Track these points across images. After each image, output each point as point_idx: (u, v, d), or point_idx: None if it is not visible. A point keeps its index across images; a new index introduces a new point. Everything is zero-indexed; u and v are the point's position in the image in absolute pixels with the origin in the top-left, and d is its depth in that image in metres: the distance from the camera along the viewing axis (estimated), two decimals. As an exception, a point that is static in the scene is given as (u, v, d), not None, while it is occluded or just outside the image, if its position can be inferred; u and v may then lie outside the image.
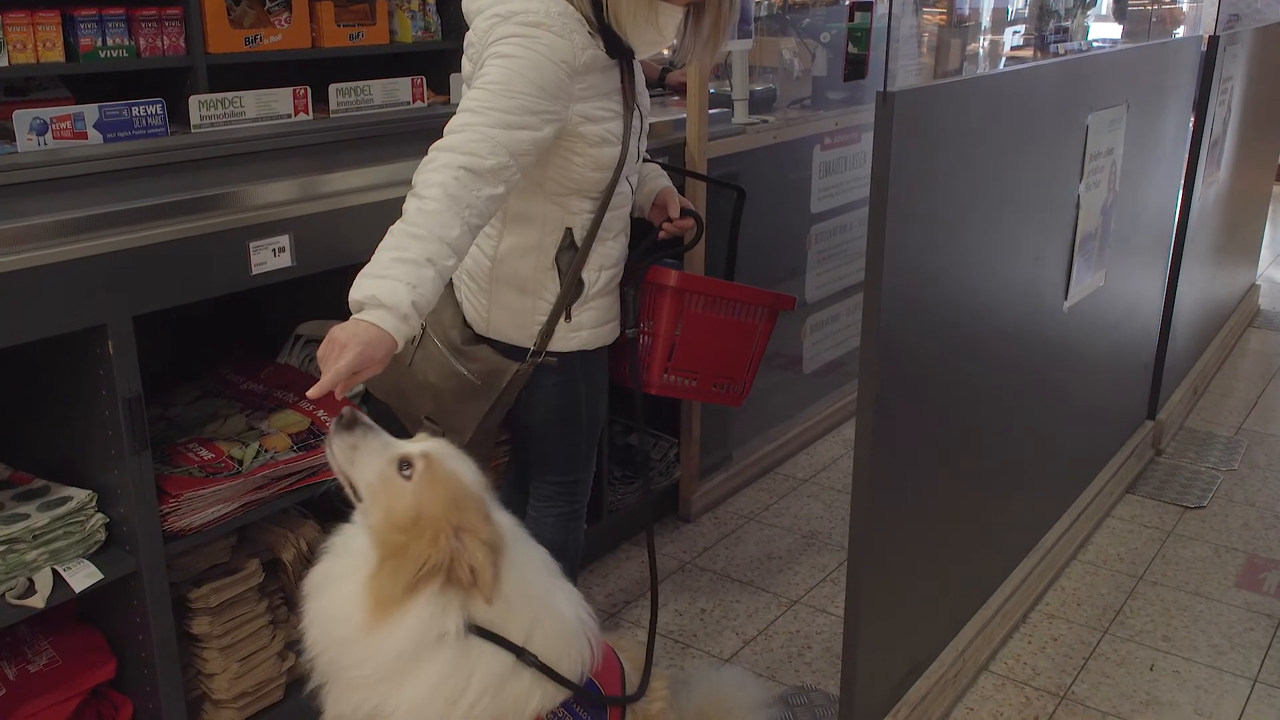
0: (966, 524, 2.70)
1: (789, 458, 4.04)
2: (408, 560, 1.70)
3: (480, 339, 2.24)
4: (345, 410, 1.82)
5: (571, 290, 2.18)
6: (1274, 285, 6.23)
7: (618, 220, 2.23)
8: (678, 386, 2.51)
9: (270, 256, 2.18)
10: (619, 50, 2.09)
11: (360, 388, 2.55)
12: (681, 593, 3.14)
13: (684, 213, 2.44)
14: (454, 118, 1.95)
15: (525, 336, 2.21)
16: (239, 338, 2.84)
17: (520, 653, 1.76)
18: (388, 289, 1.76)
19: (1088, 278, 3.05)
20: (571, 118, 2.04)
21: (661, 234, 2.42)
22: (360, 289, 1.78)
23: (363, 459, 1.77)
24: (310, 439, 2.42)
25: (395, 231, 1.84)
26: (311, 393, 1.74)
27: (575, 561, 2.50)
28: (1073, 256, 2.90)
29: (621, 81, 2.15)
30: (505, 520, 1.88)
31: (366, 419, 1.82)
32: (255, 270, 2.16)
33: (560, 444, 2.35)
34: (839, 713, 2.31)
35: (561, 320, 2.20)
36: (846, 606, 2.26)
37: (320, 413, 2.49)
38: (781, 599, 3.13)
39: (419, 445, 1.81)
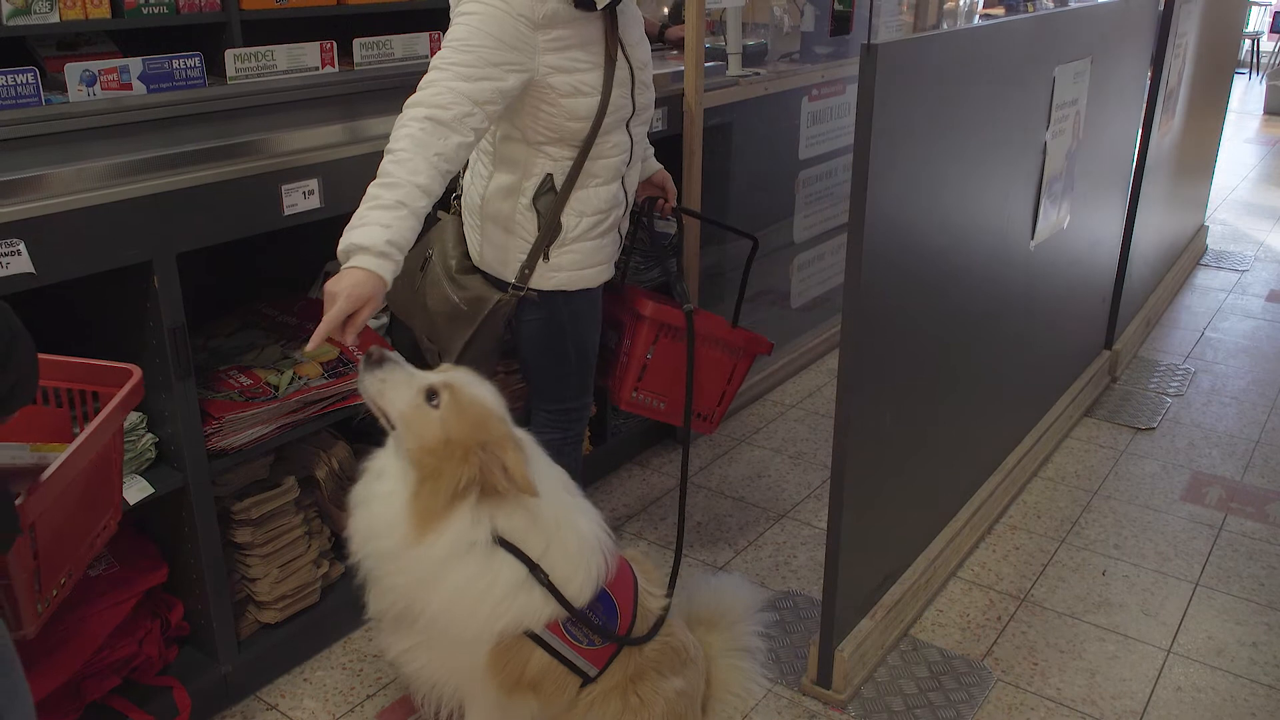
0: (938, 444, 2.71)
1: (777, 385, 4.04)
2: (444, 480, 1.73)
3: (475, 270, 2.23)
4: (372, 349, 1.82)
5: (550, 232, 2.13)
6: (1221, 227, 6.18)
7: (607, 169, 2.15)
8: (647, 406, 2.49)
9: (301, 199, 2.17)
10: (588, 1, 1.99)
11: (385, 319, 2.54)
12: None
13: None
14: (425, 75, 1.93)
15: (509, 272, 2.18)
16: (273, 275, 2.81)
17: (534, 567, 1.78)
18: (364, 234, 1.79)
19: (1052, 218, 3.02)
20: (539, 68, 1.98)
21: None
22: (343, 241, 1.81)
23: (391, 391, 1.79)
24: (339, 367, 2.41)
25: (371, 187, 1.86)
26: (308, 347, 1.75)
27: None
28: (1039, 199, 2.87)
29: (606, 33, 2.07)
30: (526, 438, 1.89)
31: (392, 355, 1.82)
32: (287, 211, 2.16)
33: (549, 374, 2.33)
34: (821, 615, 2.32)
35: (540, 260, 2.15)
36: (829, 520, 2.27)
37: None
38: (770, 513, 3.14)
39: (441, 375, 1.81)
